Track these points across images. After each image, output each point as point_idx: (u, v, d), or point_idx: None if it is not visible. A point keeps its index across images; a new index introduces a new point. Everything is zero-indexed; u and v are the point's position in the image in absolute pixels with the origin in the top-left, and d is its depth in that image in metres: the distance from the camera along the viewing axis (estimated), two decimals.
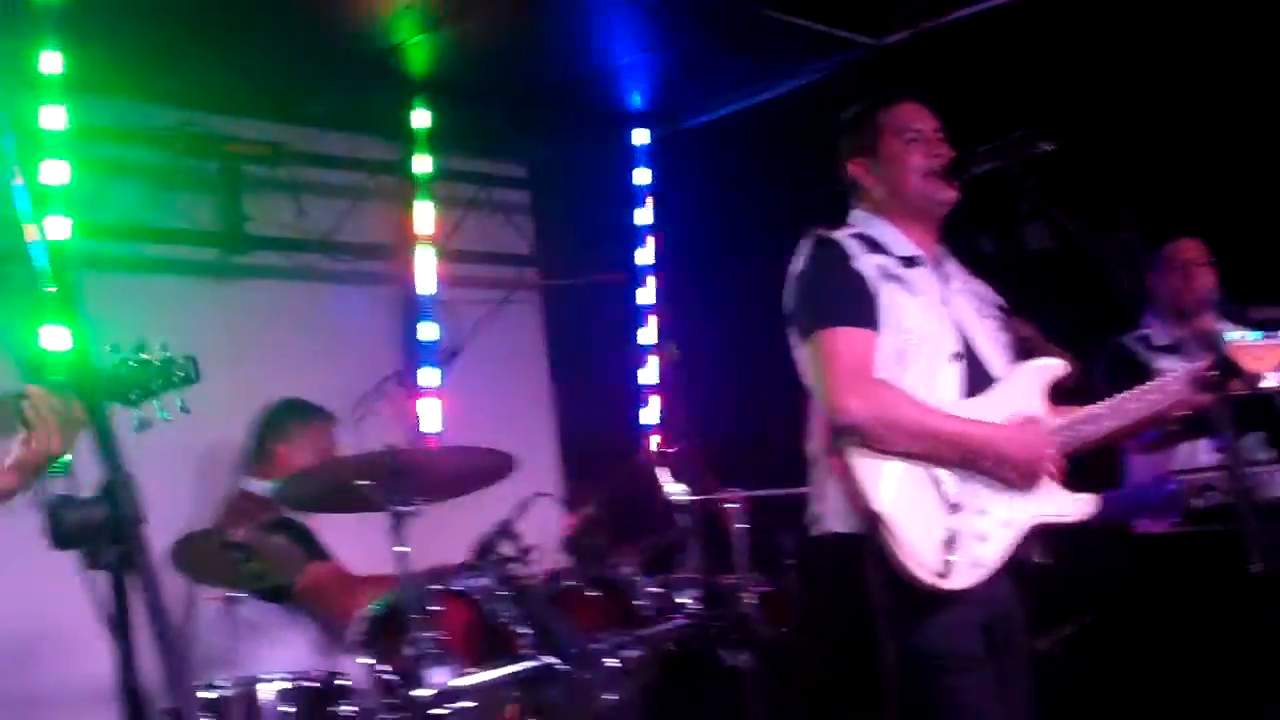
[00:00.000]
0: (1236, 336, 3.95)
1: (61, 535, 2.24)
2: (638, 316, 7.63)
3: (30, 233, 2.41)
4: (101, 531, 2.09)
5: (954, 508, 3.49)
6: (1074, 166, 3.60)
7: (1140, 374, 3.77)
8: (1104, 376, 3.71)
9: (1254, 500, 3.53)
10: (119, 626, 2.17)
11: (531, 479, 4.96)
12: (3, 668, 5.26)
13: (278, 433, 5.51)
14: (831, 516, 3.57)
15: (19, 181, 2.37)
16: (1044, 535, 3.63)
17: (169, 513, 4.98)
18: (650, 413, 7.55)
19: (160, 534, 4.47)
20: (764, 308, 3.84)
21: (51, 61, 5.37)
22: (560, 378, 7.67)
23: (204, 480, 5.88)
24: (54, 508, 2.61)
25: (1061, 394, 3.75)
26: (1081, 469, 3.68)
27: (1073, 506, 3.65)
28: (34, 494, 3.11)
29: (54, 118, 5.45)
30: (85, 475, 2.09)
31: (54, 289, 2.42)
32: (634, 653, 4.41)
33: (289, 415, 5.45)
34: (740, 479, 5.25)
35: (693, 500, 5.24)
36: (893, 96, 3.86)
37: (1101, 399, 3.69)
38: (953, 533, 3.45)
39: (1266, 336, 3.96)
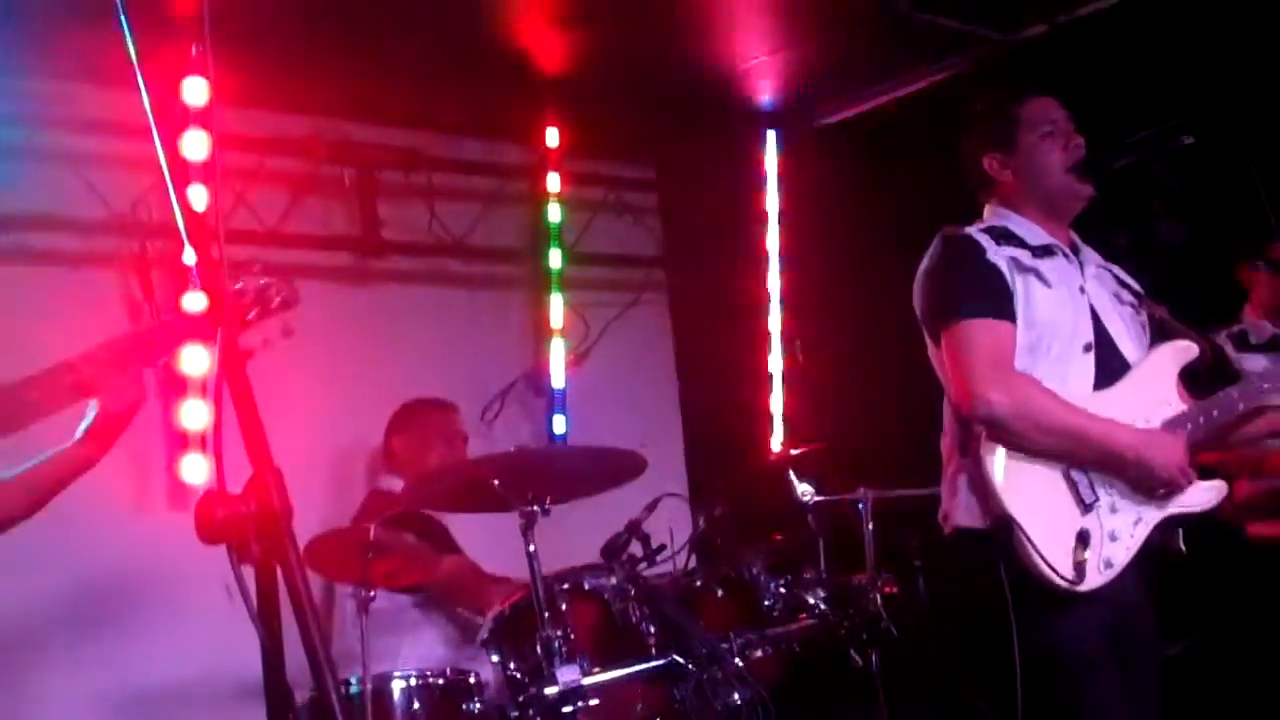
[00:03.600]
0: None
1: (210, 529, 2.28)
2: (765, 317, 7.63)
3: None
4: (248, 525, 2.12)
5: (1086, 507, 3.45)
6: (1215, 161, 3.53)
7: (1227, 371, 3.72)
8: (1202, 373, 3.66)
9: None
10: (265, 621, 2.19)
11: (659, 479, 4.98)
12: (153, 665, 5.40)
13: (401, 430, 5.59)
14: (963, 513, 3.55)
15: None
16: (1176, 526, 3.58)
17: (304, 513, 5.08)
18: (777, 412, 7.55)
19: (297, 534, 4.64)
20: (891, 307, 3.83)
21: (196, 92, 5.54)
22: (687, 377, 7.68)
23: (338, 481, 5.99)
24: (202, 502, 2.68)
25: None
26: None
27: (1203, 496, 3.60)
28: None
29: (198, 144, 5.59)
30: (233, 471, 2.12)
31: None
32: (761, 652, 4.41)
33: (410, 412, 5.54)
34: (868, 479, 5.23)
35: (820, 500, 5.22)
36: (1026, 90, 3.83)
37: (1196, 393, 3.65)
38: (1085, 532, 3.42)
39: None
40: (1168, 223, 7.22)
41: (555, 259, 7.06)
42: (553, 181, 7.07)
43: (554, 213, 7.07)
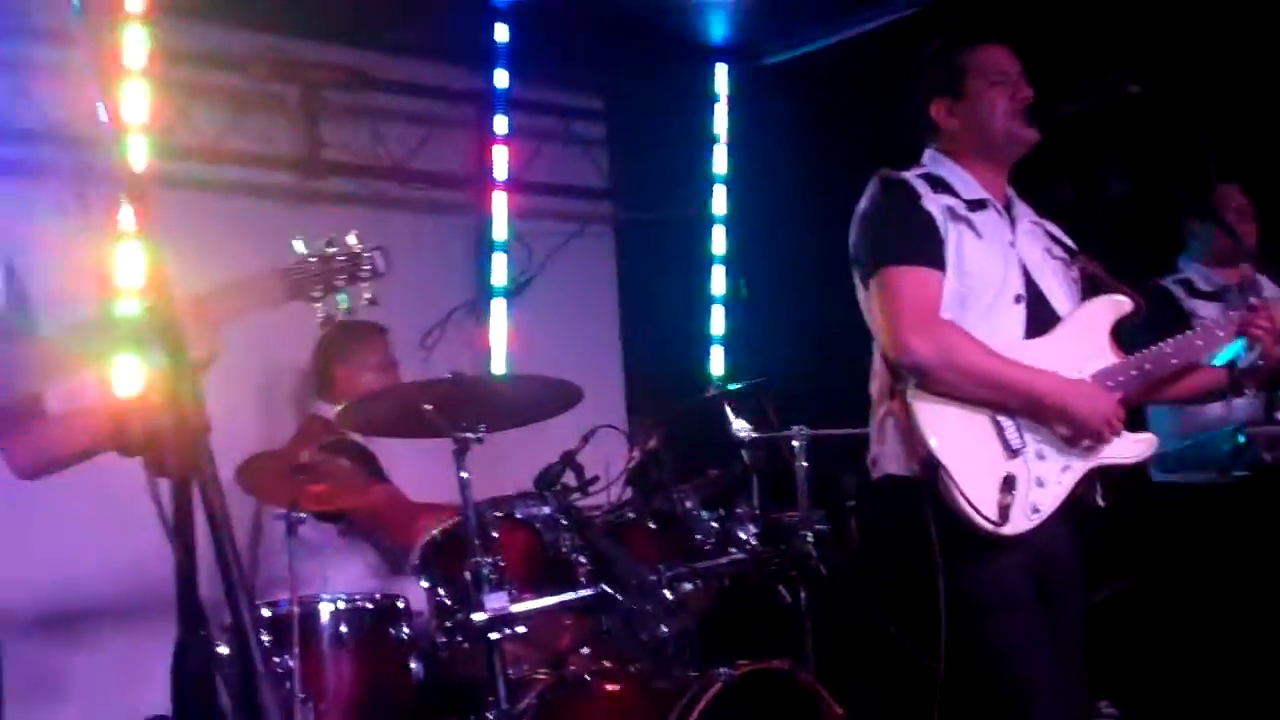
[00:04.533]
0: None
1: (128, 441, 2.25)
2: (710, 253, 7.62)
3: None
4: (166, 439, 2.09)
5: (1013, 452, 3.48)
6: (1161, 112, 3.54)
7: (1180, 318, 3.75)
8: (1143, 319, 3.68)
9: None
10: (180, 535, 2.16)
11: (597, 411, 4.96)
12: (62, 581, 5.36)
13: (334, 355, 5.54)
14: (890, 459, 3.58)
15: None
16: (1105, 478, 3.61)
17: (238, 435, 5.06)
18: (718, 349, 7.56)
19: (227, 456, 4.60)
20: (834, 246, 3.82)
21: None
22: (629, 312, 7.67)
23: (273, 403, 5.95)
24: (120, 414, 2.64)
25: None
26: None
27: (1133, 448, 3.63)
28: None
29: (136, 42, 5.50)
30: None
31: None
32: (690, 586, 4.42)
33: (343, 335, 5.44)
34: (804, 417, 5.24)
35: (756, 437, 5.22)
36: (977, 37, 3.81)
37: (1139, 341, 3.67)
38: (1010, 477, 3.44)
39: None
40: (1114, 173, 7.27)
41: (500, 196, 7.00)
42: (500, 123, 7.02)
43: (500, 154, 7.01)
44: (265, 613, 4.26)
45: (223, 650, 2.86)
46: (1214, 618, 4.87)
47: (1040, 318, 3.64)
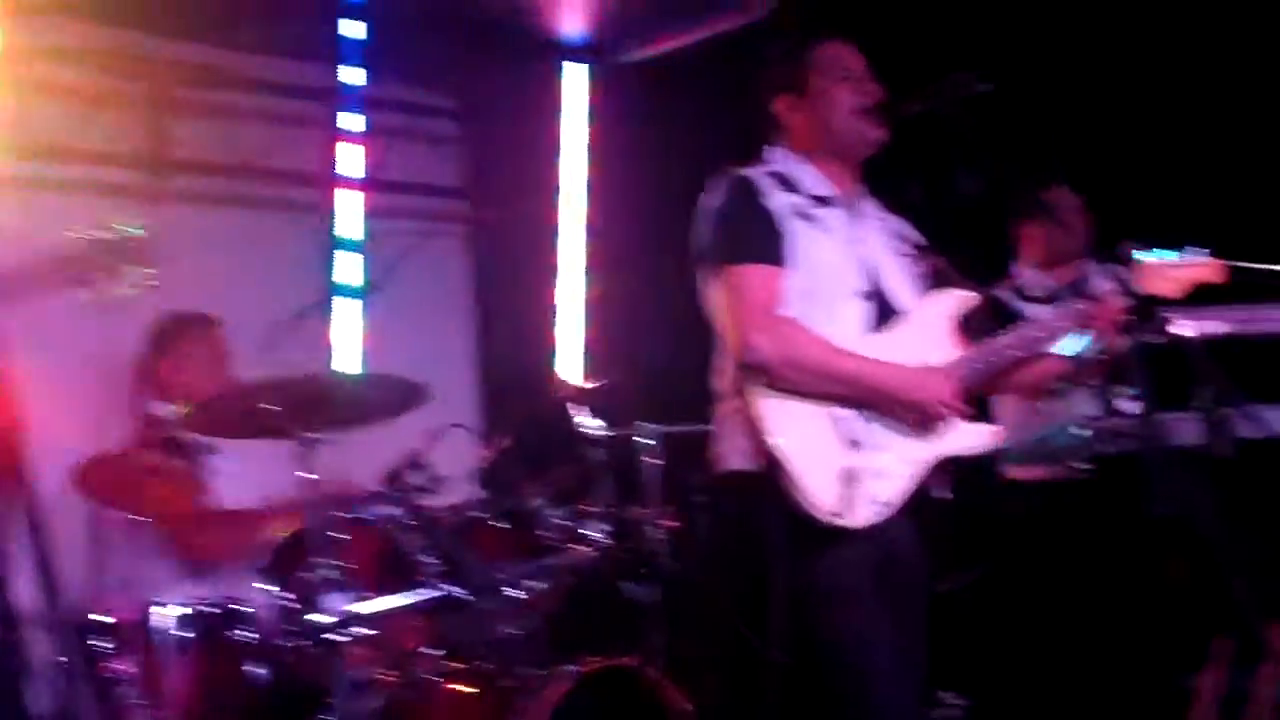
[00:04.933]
0: (1151, 256, 3.98)
1: None
2: (564, 253, 7.61)
3: None
4: None
5: (854, 445, 3.50)
6: (1010, 111, 3.58)
7: (1012, 323, 3.81)
8: (977, 325, 3.74)
9: (1160, 447, 3.55)
10: None
11: (451, 410, 4.95)
12: None
13: (157, 348, 5.34)
14: (733, 454, 3.59)
15: None
16: (945, 470, 3.65)
17: (78, 435, 4.95)
18: (570, 348, 7.56)
19: (67, 454, 4.50)
20: (684, 245, 3.82)
21: None
22: (483, 311, 7.63)
23: (113, 405, 5.81)
24: None
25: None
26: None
27: (977, 439, 3.68)
28: None
29: None
30: None
31: None
32: (538, 584, 4.41)
33: (168, 327, 5.31)
34: (655, 415, 5.25)
35: (606, 435, 5.23)
36: (822, 34, 3.83)
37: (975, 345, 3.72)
38: (852, 470, 3.46)
39: (1182, 255, 4.00)
40: (964, 173, 7.38)
41: (351, 195, 6.93)
42: (352, 121, 6.94)
43: (351, 151, 6.93)
44: (104, 617, 4.16)
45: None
46: (1056, 609, 4.95)
47: (884, 313, 3.67)
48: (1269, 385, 4.40)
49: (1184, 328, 4.26)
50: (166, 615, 4.25)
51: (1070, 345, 3.95)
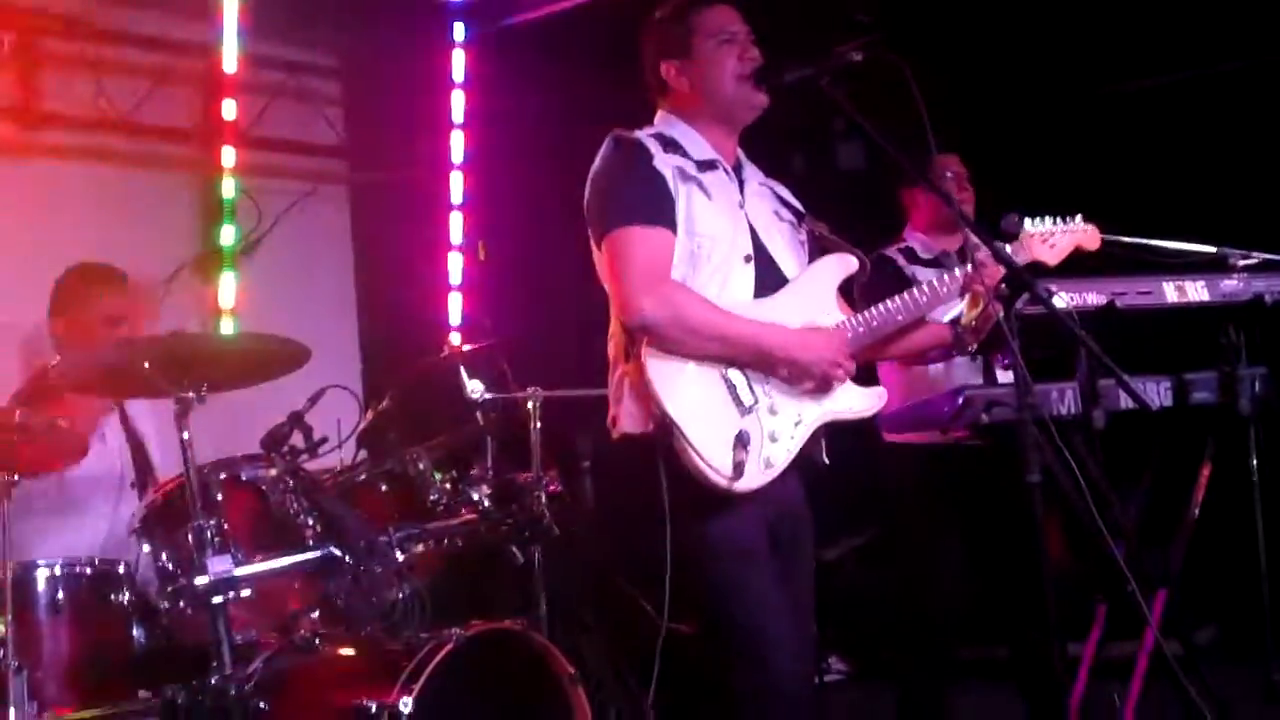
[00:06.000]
0: (1033, 225, 4.04)
1: None
2: (446, 214, 7.56)
3: None
4: None
5: (745, 409, 3.51)
6: (888, 80, 3.59)
7: (902, 284, 3.84)
8: (864, 286, 3.76)
9: (1036, 415, 3.60)
10: None
11: (332, 372, 4.88)
12: None
13: (59, 302, 5.16)
14: (627, 418, 3.58)
15: None
16: (827, 436, 3.68)
17: None
18: (453, 310, 7.52)
19: None
20: (570, 208, 3.80)
21: None
22: (365, 272, 7.58)
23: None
24: None
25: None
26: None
27: (863, 401, 3.70)
28: None
29: None
30: None
31: None
32: (421, 547, 4.38)
33: (72, 281, 5.14)
34: (540, 379, 5.24)
35: (491, 398, 5.20)
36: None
37: (862, 308, 3.76)
38: (744, 433, 3.47)
39: (1059, 223, 4.07)
40: (846, 145, 7.43)
41: (229, 152, 6.82)
42: (229, 78, 6.81)
43: (228, 109, 6.81)
44: None
45: None
46: (938, 575, 5.02)
47: (768, 278, 3.68)
48: (1142, 357, 4.49)
49: (1058, 298, 4.35)
50: (40, 575, 4.17)
51: (950, 311, 4.01)
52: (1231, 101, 6.17)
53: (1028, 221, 4.06)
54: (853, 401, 3.68)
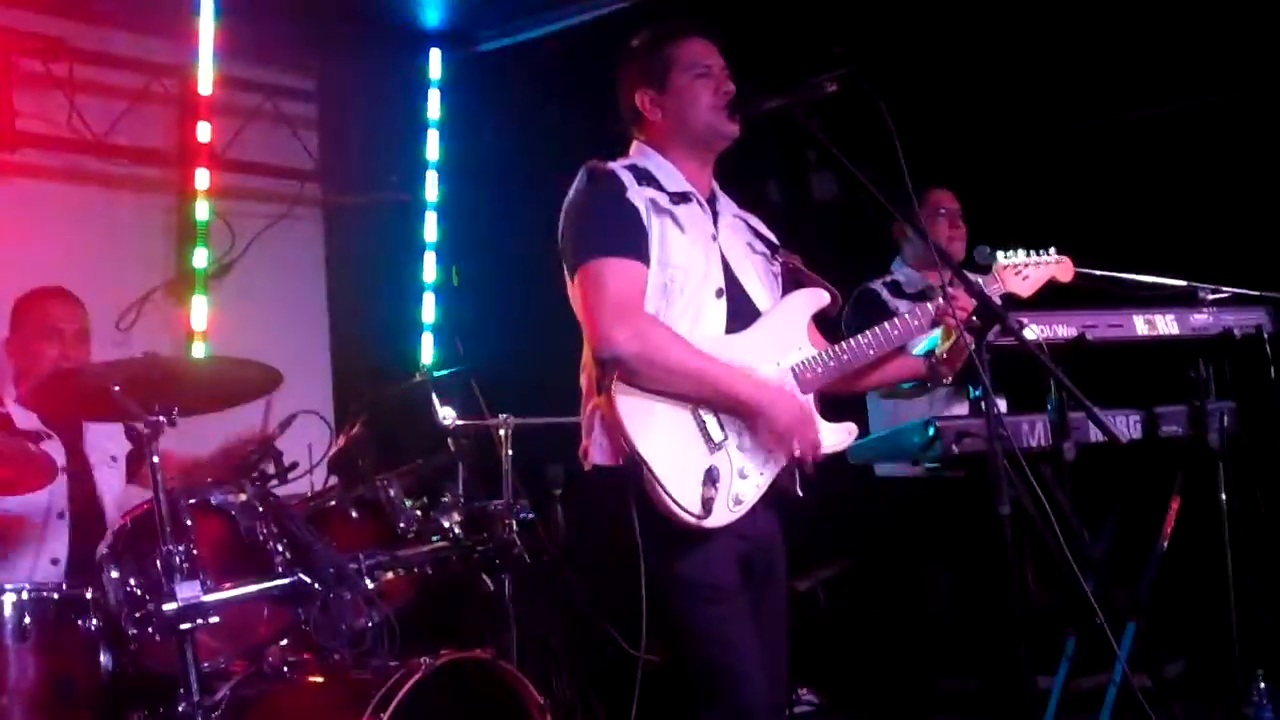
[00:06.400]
0: (1006, 257, 4.06)
1: None
2: (421, 239, 7.56)
3: None
4: None
5: (715, 445, 3.51)
6: (862, 110, 3.60)
7: (884, 318, 3.84)
8: (849, 319, 3.76)
9: (1006, 447, 3.61)
10: None
11: (303, 397, 4.87)
12: None
13: (14, 328, 5.14)
14: (598, 450, 3.56)
15: None
16: (800, 470, 3.67)
17: None
18: (427, 336, 7.50)
19: None
20: (545, 238, 3.80)
21: None
22: (338, 296, 7.56)
23: None
24: None
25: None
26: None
27: (832, 436, 3.70)
28: None
29: None
30: None
31: None
32: (391, 574, 4.37)
33: (22, 309, 5.11)
34: (512, 407, 5.23)
35: (462, 425, 5.20)
36: (682, 30, 3.83)
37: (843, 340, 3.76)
38: (713, 469, 3.47)
39: (1032, 255, 4.08)
40: (819, 176, 7.45)
41: (203, 174, 6.80)
42: (205, 100, 6.79)
43: (203, 131, 6.79)
44: None
45: None
46: (911, 606, 5.03)
47: (741, 311, 3.68)
48: (1112, 390, 4.50)
49: (1029, 330, 4.36)
50: (6, 600, 4.14)
51: (927, 343, 4.01)
52: (1203, 136, 6.21)
53: (1000, 253, 4.08)
54: (823, 437, 3.68)
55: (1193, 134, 6.25)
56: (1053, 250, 4.13)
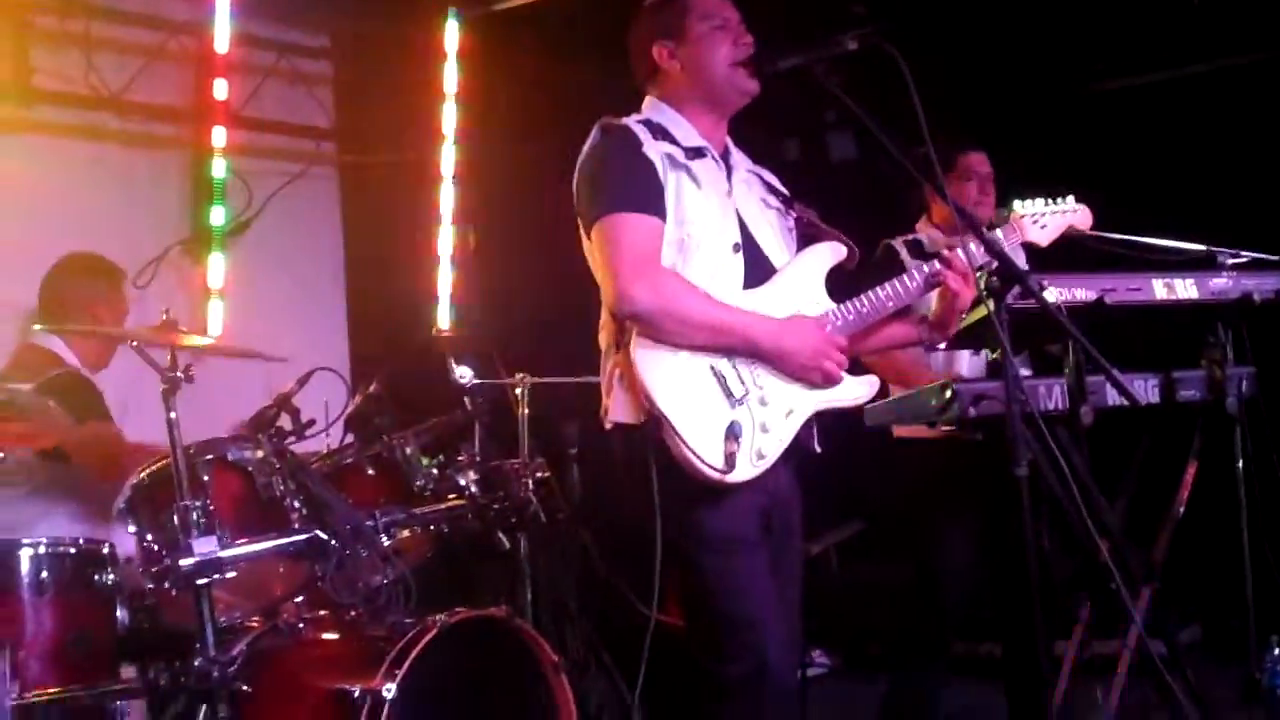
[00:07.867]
0: (1023, 206, 4.03)
1: None
2: (438, 199, 7.54)
3: None
4: None
5: (736, 399, 3.49)
6: (881, 68, 3.57)
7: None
8: (870, 272, 3.72)
9: (1024, 410, 3.60)
10: None
11: (320, 355, 4.88)
12: None
13: (70, 289, 5.20)
14: (618, 408, 3.55)
15: None
16: (819, 424, 3.66)
17: None
18: (444, 295, 7.49)
19: None
20: (562, 194, 3.79)
21: None
22: (354, 254, 7.56)
23: None
24: None
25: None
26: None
27: (854, 390, 3.67)
28: None
29: None
30: None
31: None
32: (408, 532, 4.38)
33: (83, 274, 5.19)
34: (529, 365, 5.23)
35: (479, 384, 5.19)
36: None
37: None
38: (735, 425, 3.45)
39: (1050, 204, 4.06)
40: (837, 135, 7.40)
41: (219, 132, 6.78)
42: (221, 57, 6.77)
43: (220, 88, 6.77)
44: None
45: None
46: (926, 569, 5.02)
47: (757, 267, 3.65)
48: (1130, 354, 4.48)
49: (1049, 292, 4.33)
50: (24, 554, 4.15)
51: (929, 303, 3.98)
52: (1223, 100, 6.18)
53: (1018, 203, 4.06)
54: (846, 391, 3.66)
55: (1212, 97, 6.21)
56: (1071, 198, 4.11)
